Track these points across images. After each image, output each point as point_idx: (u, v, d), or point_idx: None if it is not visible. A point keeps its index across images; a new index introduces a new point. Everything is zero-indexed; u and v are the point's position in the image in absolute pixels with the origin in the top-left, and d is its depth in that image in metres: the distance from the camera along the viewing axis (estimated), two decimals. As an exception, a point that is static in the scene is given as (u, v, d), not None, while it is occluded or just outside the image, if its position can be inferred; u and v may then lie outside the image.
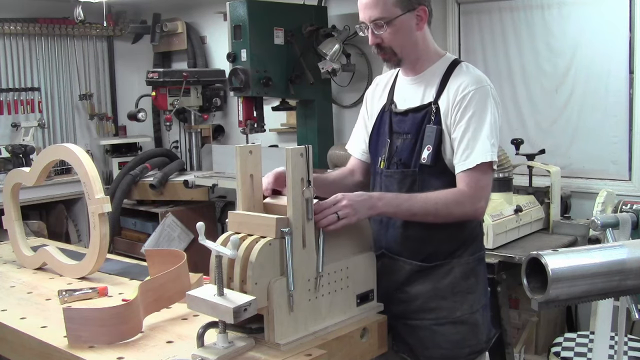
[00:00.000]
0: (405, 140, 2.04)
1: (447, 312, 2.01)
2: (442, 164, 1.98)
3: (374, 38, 2.02)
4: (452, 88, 1.98)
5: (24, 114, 5.51)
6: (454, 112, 1.96)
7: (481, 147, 1.91)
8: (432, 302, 2.02)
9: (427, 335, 2.02)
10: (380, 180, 2.10)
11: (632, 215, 2.20)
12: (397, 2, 1.96)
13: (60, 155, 2.53)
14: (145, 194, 4.78)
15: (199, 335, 1.71)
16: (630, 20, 3.38)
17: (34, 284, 2.39)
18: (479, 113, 1.93)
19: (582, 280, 1.10)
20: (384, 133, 2.11)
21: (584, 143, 3.63)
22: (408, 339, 2.05)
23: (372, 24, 1.99)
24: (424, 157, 1.98)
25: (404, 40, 2.00)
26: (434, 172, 1.98)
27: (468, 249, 2.04)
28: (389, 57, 2.05)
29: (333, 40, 4.21)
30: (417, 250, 2.02)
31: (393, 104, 2.12)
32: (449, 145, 1.98)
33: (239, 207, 1.88)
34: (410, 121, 2.04)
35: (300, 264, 1.76)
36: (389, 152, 2.08)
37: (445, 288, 2.01)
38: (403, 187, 2.02)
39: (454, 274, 2.01)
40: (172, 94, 4.86)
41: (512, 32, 3.82)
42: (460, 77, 1.99)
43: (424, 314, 2.02)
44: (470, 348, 2.04)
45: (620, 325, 2.18)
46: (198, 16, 5.60)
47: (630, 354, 2.58)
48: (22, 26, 5.42)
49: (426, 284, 2.02)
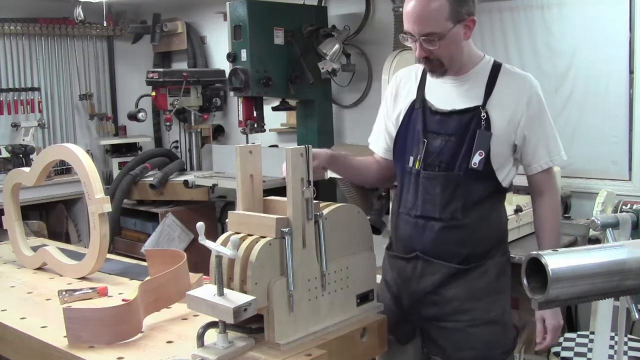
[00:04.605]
0: (448, 142, 2.00)
1: (482, 313, 2.02)
2: (490, 169, 1.98)
3: (423, 51, 1.95)
4: (508, 91, 1.98)
5: (24, 114, 5.50)
6: (523, 116, 1.97)
7: (555, 147, 2.01)
8: (467, 304, 2.02)
9: (461, 337, 2.03)
10: (417, 181, 2.05)
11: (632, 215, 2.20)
12: (449, 16, 1.90)
13: (60, 155, 2.53)
14: (145, 194, 4.78)
15: (199, 335, 1.71)
16: (630, 20, 3.38)
17: (34, 284, 2.39)
18: (545, 113, 2.01)
19: (582, 280, 1.10)
20: (416, 132, 2.06)
21: (584, 143, 3.62)
22: (441, 341, 2.05)
23: (422, 38, 1.92)
24: (475, 162, 1.95)
25: (452, 51, 1.97)
26: (481, 177, 1.98)
27: (500, 249, 2.07)
28: (435, 68, 2.00)
29: (333, 40, 4.21)
30: (454, 252, 2.02)
31: (427, 102, 2.07)
32: (501, 150, 1.99)
33: (239, 207, 1.88)
34: (456, 123, 1.99)
35: (300, 264, 1.76)
36: (425, 152, 2.02)
37: (480, 289, 2.02)
38: (446, 190, 2.00)
39: (489, 275, 2.02)
40: (172, 94, 4.86)
41: (512, 32, 3.82)
42: (514, 80, 2.00)
43: (458, 315, 2.03)
44: (502, 348, 2.06)
45: (620, 325, 2.18)
46: (198, 16, 5.60)
47: (630, 354, 2.58)
48: (22, 26, 5.42)
49: (462, 286, 2.02)
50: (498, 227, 2.08)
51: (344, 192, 3.78)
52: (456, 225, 1.99)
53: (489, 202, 2.02)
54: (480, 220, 2.00)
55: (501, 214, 2.11)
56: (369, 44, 4.50)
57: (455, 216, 1.99)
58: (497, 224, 2.08)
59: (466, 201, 1.99)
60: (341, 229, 1.90)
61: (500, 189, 2.04)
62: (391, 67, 3.60)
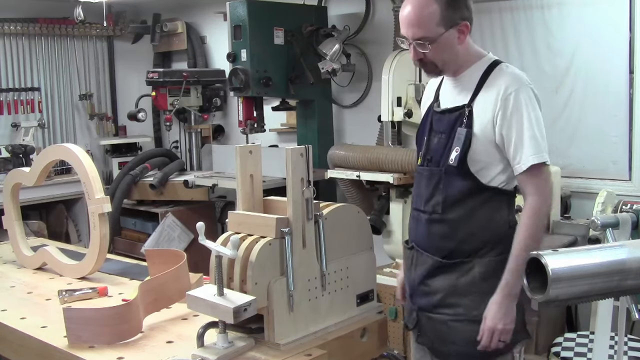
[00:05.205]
0: (440, 140, 2.08)
1: (465, 309, 2.04)
2: (466, 167, 2.00)
3: (417, 54, 2.03)
4: (491, 90, 2.00)
5: (24, 114, 5.50)
6: (498, 115, 1.97)
7: (529, 148, 1.94)
8: (451, 298, 2.06)
9: (444, 329, 2.07)
10: (416, 176, 2.17)
11: (632, 215, 2.20)
12: (440, 21, 1.96)
13: (60, 155, 2.54)
14: (145, 194, 4.78)
15: (199, 335, 1.71)
16: (630, 20, 3.38)
17: (34, 284, 2.39)
18: (523, 112, 1.96)
19: (582, 280, 1.10)
20: (424, 131, 2.17)
21: (584, 143, 3.62)
22: (429, 332, 2.12)
23: (414, 42, 2.00)
24: (452, 159, 2.01)
25: (445, 55, 2.02)
26: (459, 174, 2.01)
27: (494, 250, 2.04)
28: (430, 70, 2.09)
29: (333, 40, 4.21)
30: (439, 246, 2.07)
31: (437, 103, 2.16)
32: (482, 148, 1.99)
33: (239, 207, 1.88)
34: (446, 121, 2.07)
35: (300, 264, 1.76)
36: (425, 149, 2.13)
37: (463, 286, 2.04)
38: (430, 185, 2.07)
39: (473, 273, 2.04)
40: (172, 94, 4.86)
41: (512, 32, 3.82)
42: (499, 79, 2.01)
43: (443, 308, 2.07)
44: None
45: (620, 325, 2.18)
46: (198, 16, 5.60)
47: (630, 354, 2.58)
48: (22, 26, 5.42)
49: (446, 280, 2.06)
50: (488, 227, 2.04)
51: (344, 192, 3.78)
52: (438, 219, 2.05)
53: (472, 200, 2.02)
54: (464, 218, 2.02)
55: (494, 215, 2.06)
56: (369, 44, 4.50)
57: (436, 210, 2.05)
58: (486, 224, 2.04)
59: (446, 197, 2.03)
60: (341, 229, 1.90)
61: (484, 188, 2.02)
62: (391, 67, 3.59)
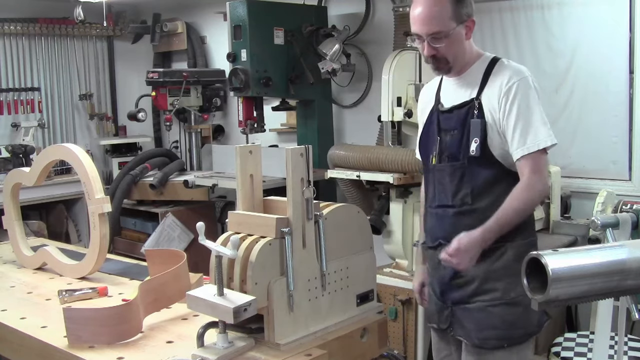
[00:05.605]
0: (453, 136, 2.16)
1: (502, 293, 2.10)
2: (489, 154, 2.09)
3: (431, 50, 2.11)
4: (495, 83, 2.11)
5: (24, 114, 5.51)
6: (503, 105, 2.07)
7: (537, 132, 2.05)
8: (487, 284, 2.11)
9: (482, 316, 2.12)
10: (433, 175, 2.23)
11: (632, 215, 2.20)
12: (452, 16, 2.08)
13: (60, 155, 2.53)
14: (145, 194, 4.78)
15: (199, 335, 1.71)
16: (630, 20, 3.38)
17: (34, 284, 2.39)
18: (526, 101, 2.06)
19: (582, 280, 1.10)
20: (433, 132, 2.23)
21: (584, 143, 3.62)
22: (465, 322, 2.15)
23: (429, 37, 2.09)
24: (473, 150, 2.09)
25: (456, 50, 2.13)
26: (482, 163, 2.10)
27: (521, 234, 2.13)
28: (441, 66, 2.16)
29: (333, 40, 4.21)
30: None
31: (440, 104, 2.24)
32: (496, 137, 2.09)
33: (239, 207, 1.88)
34: (456, 117, 2.16)
35: (300, 264, 1.76)
36: (439, 148, 2.19)
37: (498, 270, 2.10)
38: (454, 179, 2.14)
39: (507, 257, 2.10)
40: (172, 94, 4.86)
41: (512, 32, 3.82)
42: (502, 72, 2.12)
43: (479, 296, 2.12)
44: (524, 329, 2.13)
45: (620, 325, 2.18)
46: (198, 16, 5.60)
47: (630, 354, 2.58)
48: (22, 26, 5.42)
49: (480, 267, 2.09)
50: None
51: (344, 192, 3.78)
52: (468, 210, 2.12)
53: (500, 186, 2.10)
54: (492, 205, 2.08)
55: None
56: (369, 44, 4.50)
57: (466, 202, 2.12)
58: None
59: (474, 187, 2.11)
60: (341, 229, 1.91)
61: (507, 173, 2.11)
62: (391, 67, 3.59)
